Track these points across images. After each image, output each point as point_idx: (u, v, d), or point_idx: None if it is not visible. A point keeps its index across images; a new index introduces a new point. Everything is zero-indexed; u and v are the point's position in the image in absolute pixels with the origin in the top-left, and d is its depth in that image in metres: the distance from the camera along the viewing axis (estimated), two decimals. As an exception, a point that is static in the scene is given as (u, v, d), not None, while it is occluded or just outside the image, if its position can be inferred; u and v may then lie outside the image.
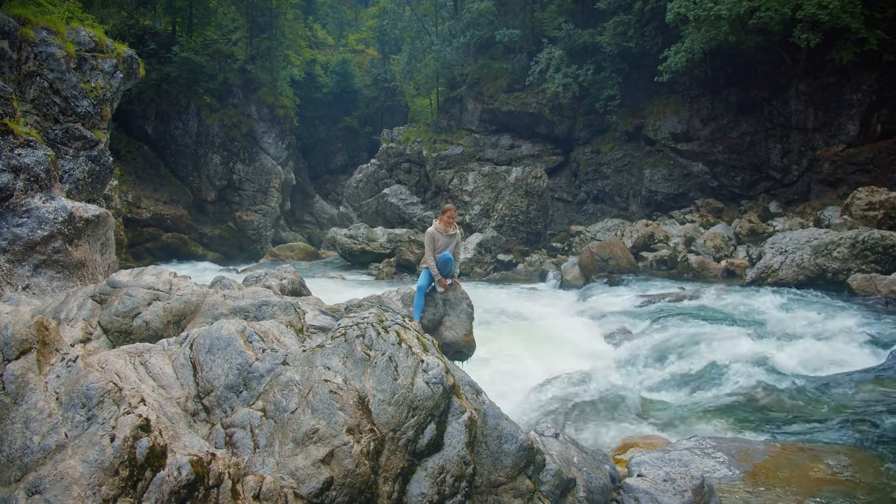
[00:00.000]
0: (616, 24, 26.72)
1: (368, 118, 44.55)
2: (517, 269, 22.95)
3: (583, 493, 4.90)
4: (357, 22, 56.29)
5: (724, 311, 12.98)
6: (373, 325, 4.81)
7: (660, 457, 6.03)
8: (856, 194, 17.14)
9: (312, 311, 6.29)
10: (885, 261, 13.81)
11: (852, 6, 19.05)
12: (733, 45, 22.08)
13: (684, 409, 8.40)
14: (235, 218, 31.03)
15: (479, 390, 5.09)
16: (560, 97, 28.16)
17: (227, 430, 4.20)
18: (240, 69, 31.89)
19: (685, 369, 9.63)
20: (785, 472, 5.93)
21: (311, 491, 3.81)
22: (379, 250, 23.67)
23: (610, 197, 28.66)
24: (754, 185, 24.86)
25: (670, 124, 26.32)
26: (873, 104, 21.56)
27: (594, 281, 18.48)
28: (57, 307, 6.31)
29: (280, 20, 34.12)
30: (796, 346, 10.23)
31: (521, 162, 29.66)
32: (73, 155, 13.12)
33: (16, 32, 12.63)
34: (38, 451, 3.43)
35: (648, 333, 11.52)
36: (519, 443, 4.70)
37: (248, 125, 31.73)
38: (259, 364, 4.59)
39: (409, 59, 36.57)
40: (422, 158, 30.64)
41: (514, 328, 13.28)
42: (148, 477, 3.32)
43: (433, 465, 4.26)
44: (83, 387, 3.68)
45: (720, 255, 19.41)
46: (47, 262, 9.58)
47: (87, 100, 13.77)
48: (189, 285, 6.55)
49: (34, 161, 9.84)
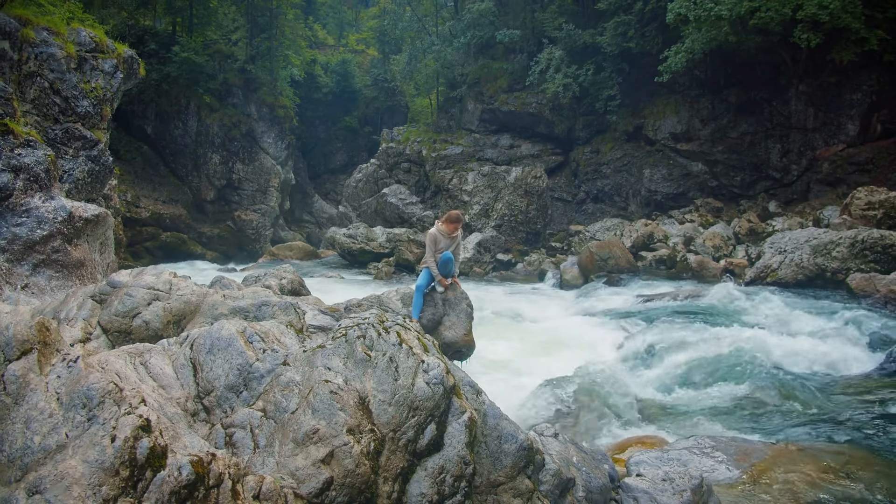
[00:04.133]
0: (616, 25, 26.73)
1: (368, 118, 44.53)
2: (516, 269, 22.96)
3: (582, 492, 4.90)
4: (357, 22, 56.27)
5: (723, 311, 12.99)
6: (374, 326, 4.82)
7: (659, 456, 6.04)
8: (855, 194, 17.15)
9: (312, 311, 6.29)
10: (885, 260, 13.82)
11: (853, 6, 19.06)
12: (733, 45, 22.09)
13: (683, 408, 8.41)
14: (235, 217, 31.03)
15: (479, 390, 5.09)
16: (560, 97, 28.17)
17: (228, 430, 4.21)
18: (240, 69, 31.89)
19: (684, 369, 9.64)
20: (784, 472, 5.94)
21: (311, 491, 3.81)
22: (378, 250, 23.68)
23: (609, 197, 28.66)
24: (754, 185, 24.87)
25: (670, 124, 26.33)
26: (873, 104, 21.58)
27: (593, 281, 18.48)
28: (56, 307, 6.31)
29: (280, 20, 34.12)
30: (795, 345, 10.24)
31: (520, 162, 29.66)
32: (73, 155, 13.13)
33: (16, 33, 12.63)
34: (39, 452, 3.44)
35: (647, 333, 11.53)
36: (518, 443, 4.71)
37: (248, 125, 31.72)
38: (259, 364, 4.60)
39: (409, 60, 36.56)
40: (421, 158, 30.64)
41: (513, 328, 13.29)
42: (148, 477, 3.33)
43: (433, 465, 4.27)
44: (84, 387, 3.69)
45: (719, 255, 19.41)
46: (46, 262, 9.58)
47: (87, 100, 13.77)
48: (189, 285, 6.55)
49: (34, 161, 9.85)
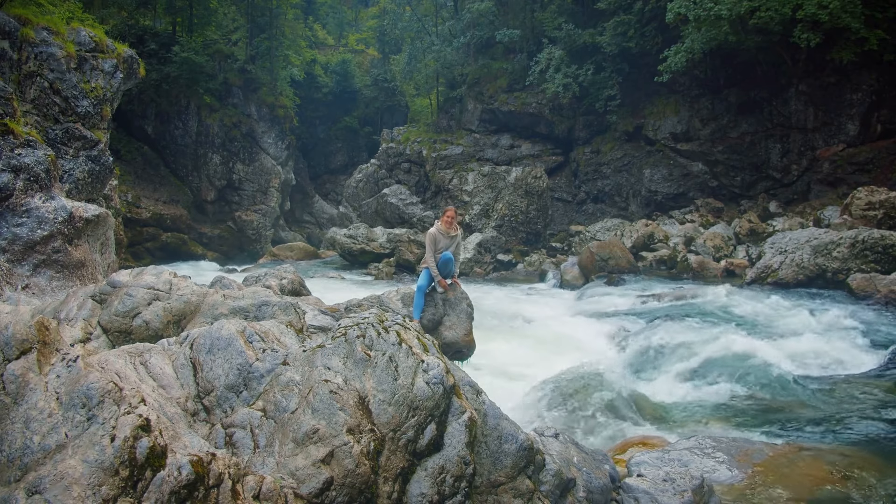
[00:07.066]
0: (616, 24, 26.72)
1: (368, 118, 44.51)
2: (517, 269, 22.95)
3: (582, 492, 4.90)
4: (357, 22, 56.24)
5: (724, 311, 12.98)
6: (373, 326, 4.81)
7: (659, 457, 6.03)
8: (855, 194, 17.14)
9: (312, 311, 6.29)
10: (885, 260, 13.81)
11: (852, 6, 19.06)
12: (733, 45, 22.08)
13: (684, 408, 8.40)
14: (235, 218, 31.02)
15: (479, 390, 5.09)
16: (560, 97, 28.16)
17: (227, 430, 4.20)
18: (240, 69, 31.89)
19: (684, 369, 9.63)
20: (785, 472, 5.93)
21: (311, 491, 3.81)
22: (378, 250, 23.67)
23: (610, 197, 28.66)
24: (754, 185, 24.86)
25: (670, 124, 26.32)
26: (873, 104, 21.56)
27: (594, 281, 18.47)
28: (57, 307, 6.31)
29: (280, 20, 34.12)
30: (796, 345, 10.23)
31: (520, 162, 29.66)
32: (73, 155, 13.13)
33: (16, 33, 12.63)
34: (39, 451, 3.43)
35: (648, 333, 11.52)
36: (519, 443, 4.70)
37: (248, 125, 31.72)
38: (259, 364, 4.60)
39: (409, 59, 36.55)
40: (422, 158, 30.63)
41: (513, 328, 13.28)
42: (148, 477, 3.32)
43: (433, 465, 4.27)
44: (83, 387, 3.68)
45: (720, 255, 19.40)
46: (47, 262, 9.58)
47: (87, 100, 13.77)
48: (189, 285, 6.55)
49: (34, 161, 9.85)
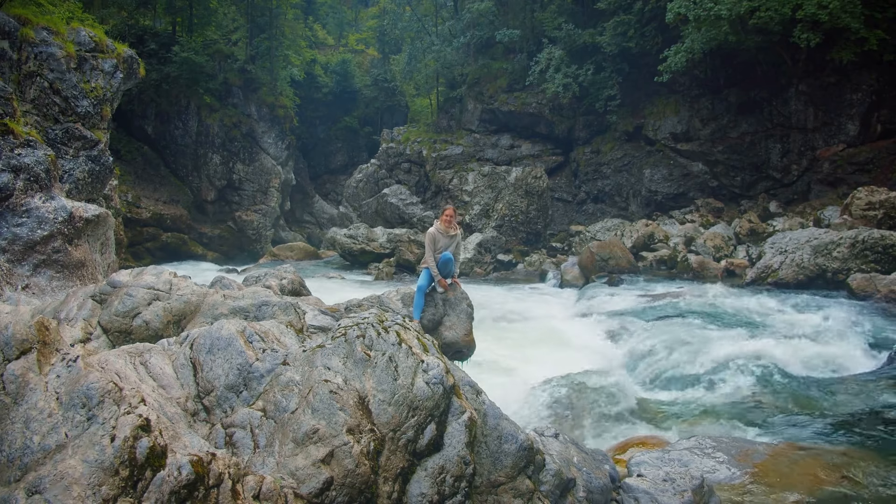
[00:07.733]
0: (616, 24, 26.73)
1: (368, 118, 44.52)
2: (517, 269, 22.95)
3: (582, 493, 4.90)
4: (357, 22, 56.25)
5: (724, 311, 12.97)
6: (373, 326, 4.81)
7: (659, 457, 6.03)
8: (856, 194, 17.14)
9: (312, 311, 6.29)
10: (885, 260, 13.81)
11: (852, 6, 19.05)
12: (733, 45, 22.08)
13: (684, 408, 8.40)
14: (235, 218, 31.02)
15: (479, 390, 5.09)
16: (560, 97, 28.16)
17: (227, 430, 4.20)
18: (240, 69, 31.89)
19: (685, 369, 9.63)
20: (785, 472, 5.93)
21: (311, 491, 3.81)
22: (379, 250, 23.67)
23: (610, 197, 28.66)
24: (754, 185, 24.86)
25: (670, 124, 26.32)
26: (873, 104, 21.56)
27: (594, 281, 18.47)
28: (57, 307, 6.31)
29: (280, 20, 34.13)
30: (796, 345, 10.22)
31: (520, 162, 29.66)
32: (73, 155, 13.13)
33: (16, 32, 12.63)
34: (39, 451, 3.43)
35: (648, 333, 11.52)
36: (519, 443, 4.70)
37: (248, 125, 31.73)
38: (259, 364, 4.59)
39: (409, 59, 36.56)
40: (422, 158, 30.64)
41: (513, 328, 13.28)
42: (148, 477, 3.32)
43: (433, 465, 4.27)
44: (83, 387, 3.68)
45: (720, 255, 19.39)
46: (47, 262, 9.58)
47: (87, 100, 13.77)
48: (189, 285, 6.54)
49: (34, 161, 9.85)
